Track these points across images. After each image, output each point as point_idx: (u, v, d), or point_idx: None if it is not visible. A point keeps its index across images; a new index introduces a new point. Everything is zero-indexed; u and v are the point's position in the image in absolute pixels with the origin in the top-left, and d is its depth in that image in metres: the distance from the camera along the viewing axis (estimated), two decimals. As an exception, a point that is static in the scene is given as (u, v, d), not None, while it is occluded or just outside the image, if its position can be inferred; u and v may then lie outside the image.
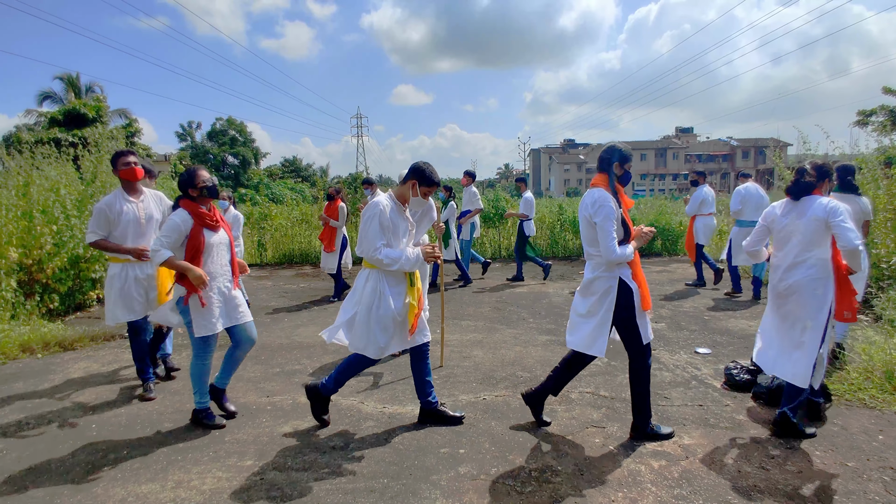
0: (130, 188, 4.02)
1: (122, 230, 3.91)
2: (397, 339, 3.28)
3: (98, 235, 3.85)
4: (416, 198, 3.27)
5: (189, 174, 3.37)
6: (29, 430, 3.50)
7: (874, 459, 2.89)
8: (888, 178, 6.32)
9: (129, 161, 3.95)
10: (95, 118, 22.09)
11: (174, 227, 3.23)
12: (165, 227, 3.26)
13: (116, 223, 3.88)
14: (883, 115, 23.67)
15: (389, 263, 3.12)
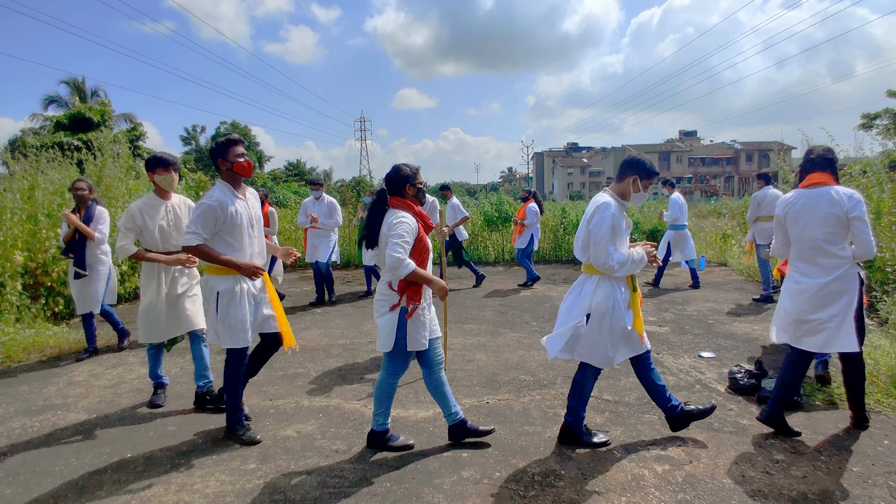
0: (238, 185, 3.29)
1: (237, 236, 3.19)
2: (624, 348, 3.08)
3: (201, 238, 3.05)
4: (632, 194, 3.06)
5: (403, 172, 3.01)
6: (33, 433, 3.52)
7: (879, 464, 2.87)
8: (893, 182, 6.30)
9: (241, 152, 3.24)
10: (100, 122, 22.21)
11: (410, 231, 2.86)
12: (400, 231, 2.82)
13: (229, 226, 3.15)
14: (887, 119, 23.62)
15: (619, 269, 2.89)
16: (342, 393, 4.10)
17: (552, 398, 3.92)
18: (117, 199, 8.00)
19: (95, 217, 5.15)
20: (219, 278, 3.17)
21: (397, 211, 2.94)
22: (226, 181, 3.24)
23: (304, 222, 7.55)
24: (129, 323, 6.03)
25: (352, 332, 5.97)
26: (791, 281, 3.28)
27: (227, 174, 3.24)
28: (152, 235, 3.75)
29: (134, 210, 3.66)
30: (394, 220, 2.88)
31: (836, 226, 3.02)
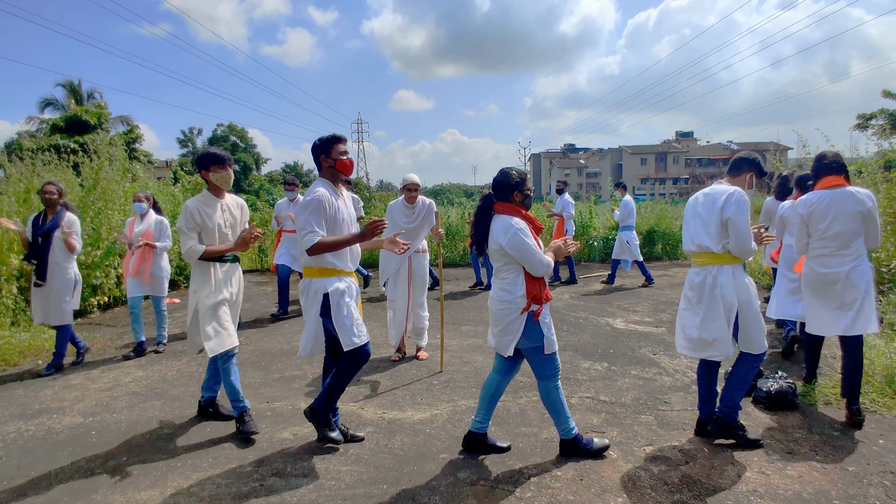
0: (337, 182, 3.22)
1: (339, 232, 3.10)
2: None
3: (319, 235, 2.94)
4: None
5: (512, 179, 2.98)
6: (29, 436, 3.50)
7: (874, 464, 2.88)
8: (888, 182, 6.33)
9: (344, 150, 3.18)
10: (97, 125, 22.16)
11: (530, 235, 2.89)
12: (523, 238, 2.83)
13: (332, 223, 3.06)
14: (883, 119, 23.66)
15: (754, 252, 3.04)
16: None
17: (549, 399, 3.92)
18: (114, 202, 7.99)
19: (63, 224, 4.81)
20: (324, 280, 3.06)
21: (508, 217, 2.91)
22: (326, 178, 3.16)
23: (277, 226, 7.11)
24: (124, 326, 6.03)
25: (349, 334, 5.96)
26: (812, 274, 3.52)
27: (329, 171, 3.16)
28: (211, 235, 3.44)
29: (192, 208, 3.37)
30: (511, 231, 2.83)
31: (860, 221, 3.35)
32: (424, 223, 4.83)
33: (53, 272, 4.78)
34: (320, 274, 3.07)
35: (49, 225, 4.76)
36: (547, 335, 2.89)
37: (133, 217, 5.48)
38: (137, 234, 5.28)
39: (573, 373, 4.49)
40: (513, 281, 2.90)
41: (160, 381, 4.56)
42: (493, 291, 3.05)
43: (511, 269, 2.92)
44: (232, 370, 3.46)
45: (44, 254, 4.74)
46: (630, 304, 7.30)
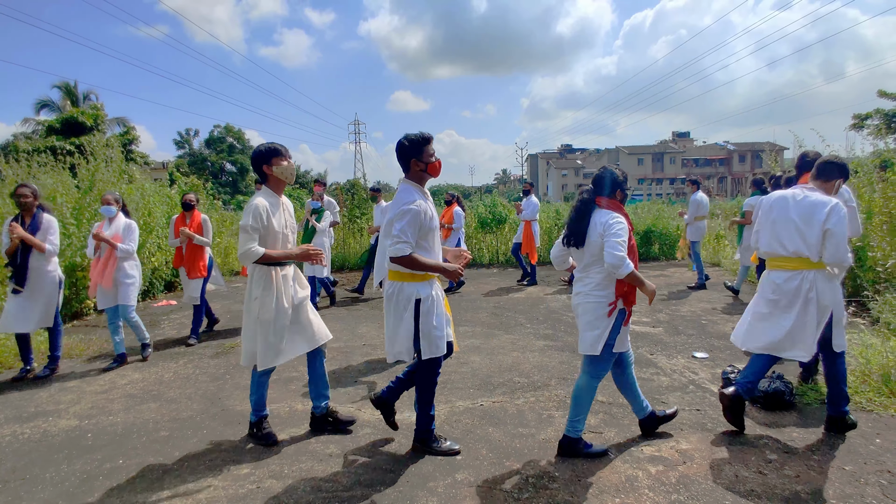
0: (424, 184, 3.08)
1: (430, 239, 2.98)
2: None
3: (411, 247, 2.82)
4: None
5: (616, 177, 3.03)
6: (24, 439, 3.49)
7: (871, 463, 2.89)
8: (884, 181, 6.35)
9: (434, 151, 3.04)
10: (93, 126, 22.13)
11: (627, 231, 2.88)
12: (618, 230, 2.83)
13: (426, 230, 2.93)
14: (878, 119, 23.80)
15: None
16: (336, 397, 4.08)
17: (546, 400, 3.92)
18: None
19: (43, 226, 4.67)
20: (416, 285, 2.95)
21: (609, 212, 2.94)
22: (414, 181, 3.01)
23: None
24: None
25: (346, 336, 5.96)
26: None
27: (417, 174, 3.01)
28: (275, 237, 3.20)
29: (261, 207, 3.12)
30: (610, 220, 2.87)
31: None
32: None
33: (36, 277, 4.67)
34: (412, 279, 2.95)
35: (29, 229, 4.62)
36: (621, 336, 2.97)
37: (101, 221, 5.17)
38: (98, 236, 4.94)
39: (570, 373, 4.49)
40: (607, 276, 2.93)
41: (156, 383, 4.54)
42: (579, 287, 3.08)
43: (604, 267, 2.92)
44: (267, 383, 3.39)
45: (24, 259, 4.59)
46: (627, 305, 7.30)
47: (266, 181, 3.29)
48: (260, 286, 3.17)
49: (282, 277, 3.23)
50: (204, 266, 5.84)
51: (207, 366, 5.01)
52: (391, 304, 3.00)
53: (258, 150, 3.25)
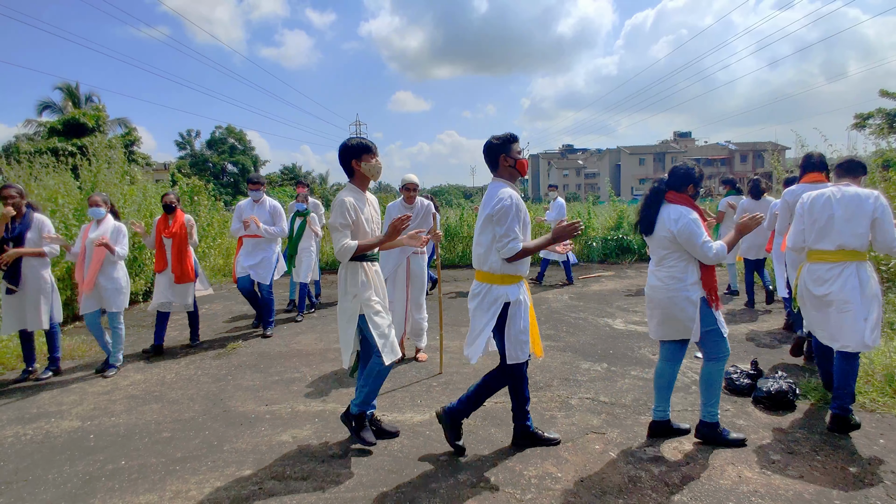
0: (515, 181, 3.12)
1: (526, 235, 3.02)
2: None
3: (521, 242, 2.88)
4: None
5: (694, 173, 3.12)
6: (26, 440, 3.49)
7: (875, 464, 2.88)
8: (886, 181, 6.34)
9: (521, 149, 3.11)
10: (95, 127, 22.17)
11: (702, 225, 3.01)
12: (696, 227, 2.96)
13: (522, 225, 2.97)
14: (880, 118, 23.71)
15: None
16: (338, 397, 4.08)
17: (548, 400, 3.91)
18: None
19: (34, 226, 4.61)
20: (506, 288, 2.95)
21: (681, 207, 3.04)
22: (504, 178, 3.06)
23: (238, 229, 6.03)
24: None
25: (348, 336, 5.94)
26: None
27: (508, 171, 3.05)
28: (364, 234, 3.16)
29: (348, 203, 3.07)
30: (683, 220, 2.98)
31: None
32: (423, 224, 4.83)
33: (28, 276, 4.61)
34: (502, 281, 2.96)
35: (20, 228, 4.55)
36: (719, 318, 3.05)
37: (88, 223, 4.98)
38: (92, 241, 4.78)
39: (573, 374, 4.48)
40: (683, 269, 3.04)
41: (159, 384, 4.54)
42: (655, 280, 3.15)
43: (680, 257, 3.04)
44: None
45: (16, 260, 4.53)
46: (629, 305, 7.30)
47: (352, 176, 3.24)
48: (355, 283, 3.13)
49: (374, 273, 3.23)
50: (192, 269, 5.56)
51: (209, 367, 5.01)
52: (475, 303, 3.02)
53: (349, 145, 3.19)
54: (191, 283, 5.56)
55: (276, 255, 6.16)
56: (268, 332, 6.10)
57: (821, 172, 4.15)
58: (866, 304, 3.21)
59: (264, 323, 6.17)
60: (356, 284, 3.12)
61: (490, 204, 2.93)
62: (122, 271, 5.04)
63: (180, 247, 5.43)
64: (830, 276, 3.30)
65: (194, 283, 5.61)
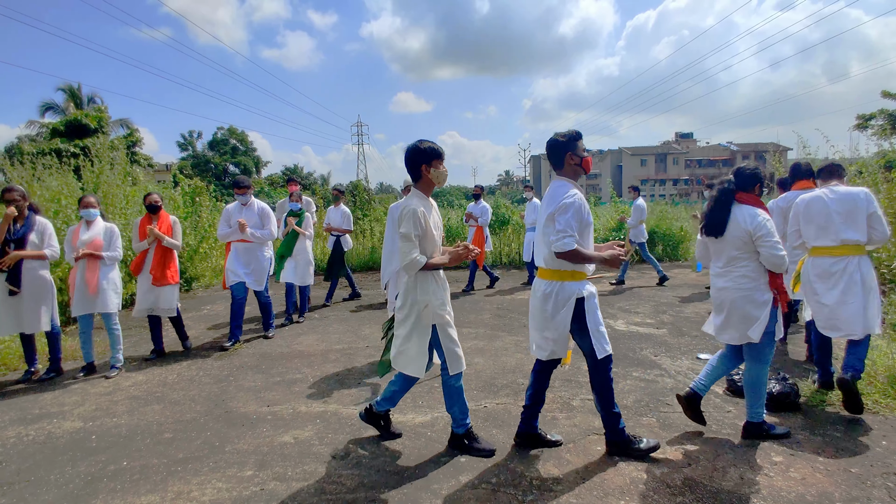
0: (577, 179, 3.08)
1: (586, 235, 2.97)
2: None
3: (576, 240, 2.81)
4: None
5: (760, 173, 3.21)
6: (28, 441, 3.49)
7: (878, 465, 2.87)
8: (889, 182, 6.32)
9: (584, 146, 3.08)
10: (97, 128, 22.19)
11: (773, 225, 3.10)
12: (771, 228, 3.01)
13: (584, 225, 2.93)
14: (882, 119, 23.69)
15: None
16: (340, 398, 4.09)
17: (550, 401, 3.91)
18: (115, 207, 7.99)
19: (37, 229, 4.65)
20: (577, 284, 2.93)
21: (753, 208, 3.10)
22: (568, 177, 3.02)
23: (226, 234, 5.72)
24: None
25: (349, 338, 5.96)
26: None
27: (573, 169, 3.02)
28: (432, 240, 3.05)
29: (419, 213, 2.97)
30: (758, 219, 3.04)
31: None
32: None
33: (28, 279, 4.62)
34: (572, 277, 2.93)
35: (22, 230, 4.58)
36: (779, 321, 3.12)
37: (77, 224, 4.92)
38: (83, 243, 4.76)
39: (574, 375, 4.48)
40: (755, 269, 3.08)
41: (160, 385, 4.55)
42: (724, 282, 3.18)
43: (751, 257, 3.08)
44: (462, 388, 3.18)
45: (18, 261, 4.54)
46: (631, 306, 7.29)
47: (418, 181, 3.12)
48: (426, 291, 3.02)
49: (443, 280, 3.17)
50: (175, 272, 5.34)
51: (211, 367, 5.01)
52: (548, 303, 2.96)
53: (422, 148, 3.07)
54: (172, 286, 5.32)
55: (268, 260, 5.99)
56: (269, 333, 6.08)
57: (810, 179, 4.42)
58: (866, 295, 3.45)
59: (265, 324, 6.12)
60: (427, 293, 3.02)
61: (554, 202, 2.89)
62: (115, 272, 5.00)
63: (164, 249, 5.24)
64: (836, 269, 3.54)
65: (176, 287, 5.39)
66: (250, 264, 5.76)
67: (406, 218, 2.96)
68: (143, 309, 5.28)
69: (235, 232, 5.65)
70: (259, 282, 5.82)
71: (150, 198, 5.32)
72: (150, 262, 5.21)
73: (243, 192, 5.79)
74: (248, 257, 5.75)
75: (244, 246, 5.73)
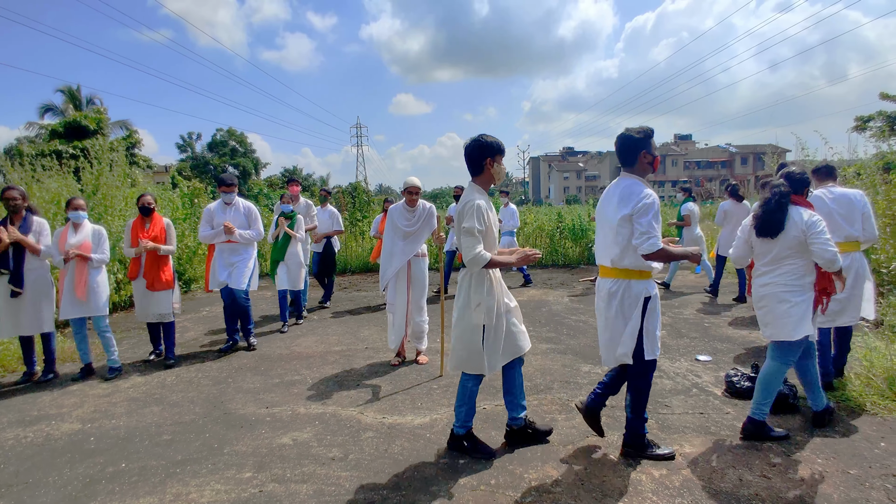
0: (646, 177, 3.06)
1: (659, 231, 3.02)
2: None
3: (661, 240, 2.84)
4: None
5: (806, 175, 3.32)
6: (27, 443, 3.49)
7: (876, 467, 2.87)
8: (887, 184, 6.33)
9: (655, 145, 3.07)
10: (96, 130, 22.17)
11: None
12: (824, 228, 3.06)
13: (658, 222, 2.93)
14: (881, 121, 23.75)
15: None
16: (339, 400, 4.08)
17: (549, 403, 3.91)
18: (114, 208, 7.99)
19: (34, 229, 4.67)
20: (645, 283, 2.94)
21: (807, 209, 3.19)
22: (637, 174, 3.00)
23: (209, 237, 5.45)
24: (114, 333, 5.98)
25: (348, 339, 5.96)
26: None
27: (644, 167, 3.01)
28: (492, 236, 3.03)
29: (483, 208, 2.94)
30: (812, 218, 3.10)
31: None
32: (425, 227, 4.83)
33: (30, 279, 4.63)
34: (640, 276, 2.93)
35: (19, 230, 4.59)
36: (815, 322, 3.21)
37: (64, 227, 4.82)
38: (72, 246, 4.69)
39: (573, 377, 4.48)
40: (803, 267, 3.15)
41: (159, 386, 4.54)
42: (769, 279, 3.23)
43: (801, 257, 3.14)
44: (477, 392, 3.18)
45: (18, 262, 4.56)
46: (630, 308, 7.28)
47: (478, 175, 3.07)
48: (481, 291, 2.99)
49: (498, 279, 3.12)
50: (170, 276, 5.18)
51: (210, 369, 5.01)
52: (615, 303, 2.95)
53: (487, 142, 3.01)
54: (167, 291, 5.16)
55: (253, 260, 5.62)
56: (251, 341, 5.64)
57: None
58: (863, 285, 3.79)
59: (244, 332, 5.68)
60: (481, 292, 2.99)
61: (630, 200, 2.85)
62: (103, 275, 4.94)
63: (157, 253, 5.08)
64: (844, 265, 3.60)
65: (172, 292, 5.21)
66: (234, 264, 5.49)
67: (470, 212, 2.91)
68: (142, 314, 5.22)
69: (220, 234, 5.38)
70: (238, 281, 5.43)
71: (143, 199, 5.19)
72: (144, 266, 5.11)
73: (229, 189, 5.53)
74: (233, 257, 5.50)
75: (230, 246, 5.49)
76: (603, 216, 3.05)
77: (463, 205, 2.99)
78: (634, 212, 2.82)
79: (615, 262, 2.95)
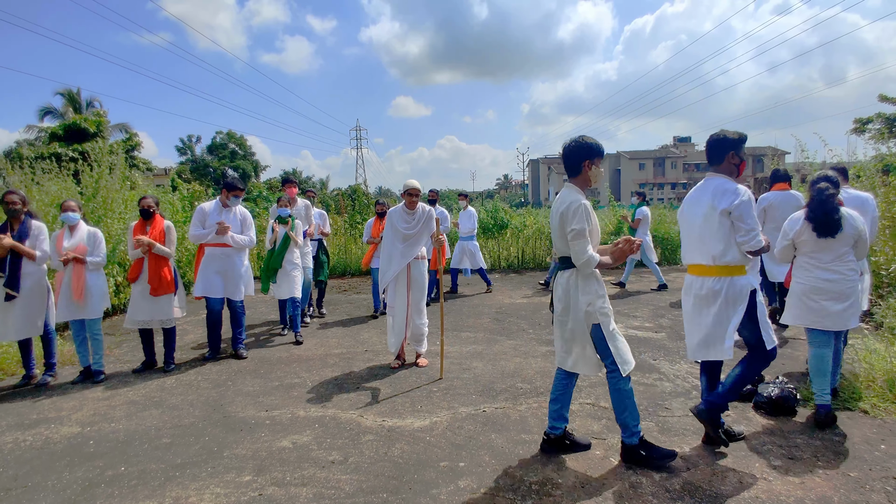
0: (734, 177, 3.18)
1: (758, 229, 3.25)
2: None
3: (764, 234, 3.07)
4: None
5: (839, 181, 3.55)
6: (26, 446, 3.48)
7: (876, 469, 2.87)
8: (886, 186, 6.35)
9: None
10: (96, 133, 22.19)
11: None
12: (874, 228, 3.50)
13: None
14: (880, 123, 23.80)
15: None
16: (339, 402, 4.08)
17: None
18: (114, 212, 7.98)
19: (32, 233, 4.62)
20: (747, 277, 3.04)
21: (852, 210, 3.45)
22: (725, 174, 3.14)
23: (200, 236, 5.22)
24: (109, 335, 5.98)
25: (348, 342, 5.95)
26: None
27: (730, 167, 3.16)
28: (596, 238, 3.01)
29: (588, 207, 2.93)
30: (862, 218, 3.44)
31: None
32: (424, 229, 4.83)
33: (27, 284, 4.60)
34: (741, 272, 3.03)
35: (18, 235, 4.57)
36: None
37: (60, 230, 4.80)
38: (67, 249, 4.66)
39: (573, 379, 4.47)
40: (856, 261, 3.47)
41: (158, 389, 4.54)
42: (832, 274, 3.43)
43: (852, 251, 3.43)
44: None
45: (15, 266, 4.53)
46: (630, 310, 7.29)
47: (576, 176, 3.06)
48: (590, 291, 2.95)
49: (600, 278, 3.08)
50: (171, 280, 5.03)
51: (209, 372, 5.00)
52: (719, 300, 3.01)
53: (587, 143, 3.01)
54: (169, 296, 5.03)
55: (246, 268, 5.46)
56: (241, 351, 5.44)
57: (786, 182, 5.34)
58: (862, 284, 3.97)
59: (235, 341, 5.48)
60: (589, 293, 2.94)
61: (726, 196, 2.97)
62: (101, 277, 4.92)
63: (159, 256, 4.95)
64: None
65: (174, 296, 5.09)
66: (225, 272, 5.28)
67: (577, 214, 2.87)
68: (136, 321, 5.02)
69: (211, 234, 5.19)
70: (233, 291, 5.32)
71: (144, 202, 5.08)
72: (146, 270, 4.96)
73: (240, 194, 5.42)
74: (223, 264, 5.26)
75: (221, 251, 5.26)
76: (692, 217, 3.17)
77: (567, 206, 2.93)
78: (734, 209, 2.94)
79: (717, 259, 3.04)
